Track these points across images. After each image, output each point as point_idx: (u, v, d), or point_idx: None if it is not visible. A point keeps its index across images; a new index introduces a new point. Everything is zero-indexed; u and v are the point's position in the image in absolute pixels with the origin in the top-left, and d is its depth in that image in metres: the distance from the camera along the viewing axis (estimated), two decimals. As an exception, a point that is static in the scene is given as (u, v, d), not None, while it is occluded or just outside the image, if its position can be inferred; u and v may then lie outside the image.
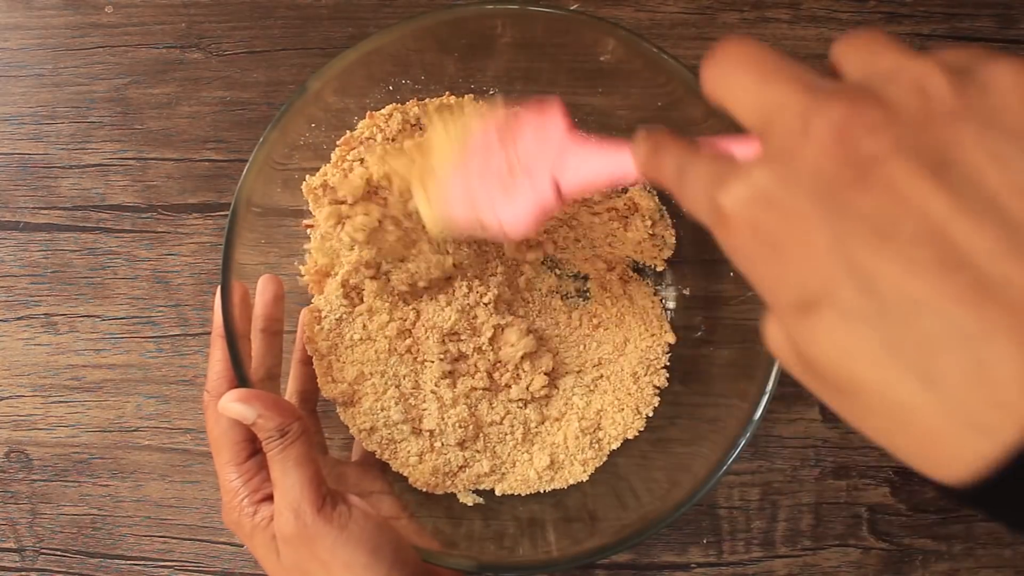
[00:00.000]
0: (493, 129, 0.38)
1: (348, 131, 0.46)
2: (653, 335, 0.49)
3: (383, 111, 0.46)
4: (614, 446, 0.48)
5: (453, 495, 0.48)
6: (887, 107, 0.19)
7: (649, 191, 0.49)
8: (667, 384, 0.48)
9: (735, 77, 0.21)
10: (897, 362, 0.18)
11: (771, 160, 0.20)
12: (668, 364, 0.49)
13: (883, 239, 0.18)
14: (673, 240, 0.49)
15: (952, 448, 0.17)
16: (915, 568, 0.49)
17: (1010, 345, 0.16)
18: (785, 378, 0.40)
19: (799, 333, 0.20)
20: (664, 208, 0.49)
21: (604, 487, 0.48)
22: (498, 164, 0.37)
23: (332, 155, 0.46)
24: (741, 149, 0.24)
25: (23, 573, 0.51)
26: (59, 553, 0.51)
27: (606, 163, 0.32)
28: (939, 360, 0.17)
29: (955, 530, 0.50)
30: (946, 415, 0.17)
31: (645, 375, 0.48)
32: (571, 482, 0.48)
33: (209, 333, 0.51)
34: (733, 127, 0.23)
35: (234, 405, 0.36)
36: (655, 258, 0.49)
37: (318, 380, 0.45)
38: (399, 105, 0.47)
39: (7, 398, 0.51)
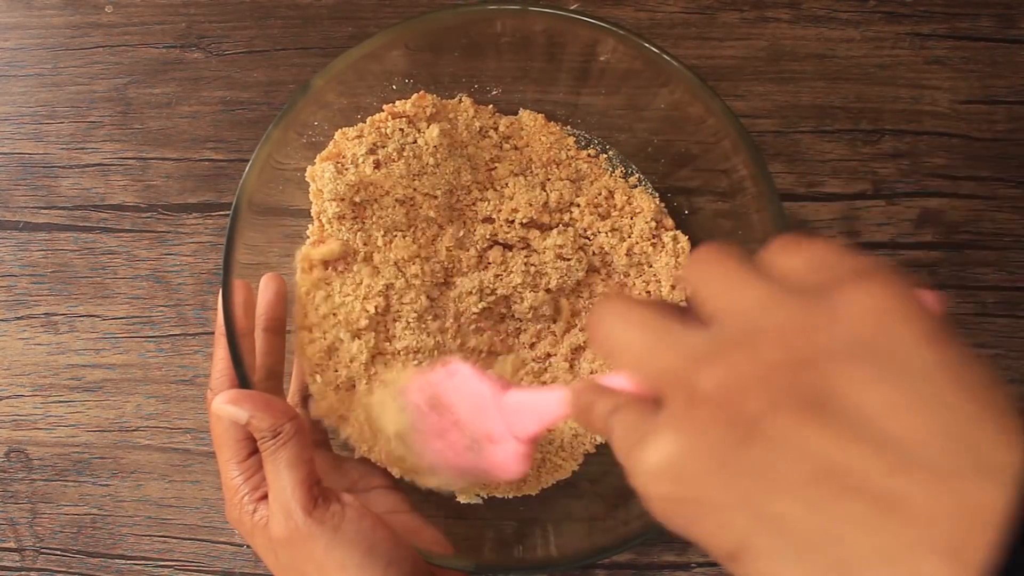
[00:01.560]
0: (424, 405, 0.41)
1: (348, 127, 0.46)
2: None
3: (405, 103, 0.46)
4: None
5: (453, 495, 0.48)
6: (757, 362, 0.20)
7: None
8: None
9: (618, 337, 0.24)
10: None
11: (671, 427, 0.22)
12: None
13: (781, 487, 0.19)
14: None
15: None
16: (915, 568, 0.49)
17: (929, 557, 0.17)
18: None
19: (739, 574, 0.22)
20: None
21: (604, 487, 0.48)
22: (454, 437, 0.40)
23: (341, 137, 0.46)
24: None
25: (23, 573, 0.51)
26: (59, 553, 0.51)
27: (548, 407, 0.34)
28: None
29: (955, 530, 0.49)
30: None
31: None
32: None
33: (209, 333, 0.51)
34: (733, 127, 0.23)
35: (226, 407, 0.36)
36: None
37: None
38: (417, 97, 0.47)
39: (7, 398, 0.51)
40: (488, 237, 0.48)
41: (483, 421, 0.39)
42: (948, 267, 0.51)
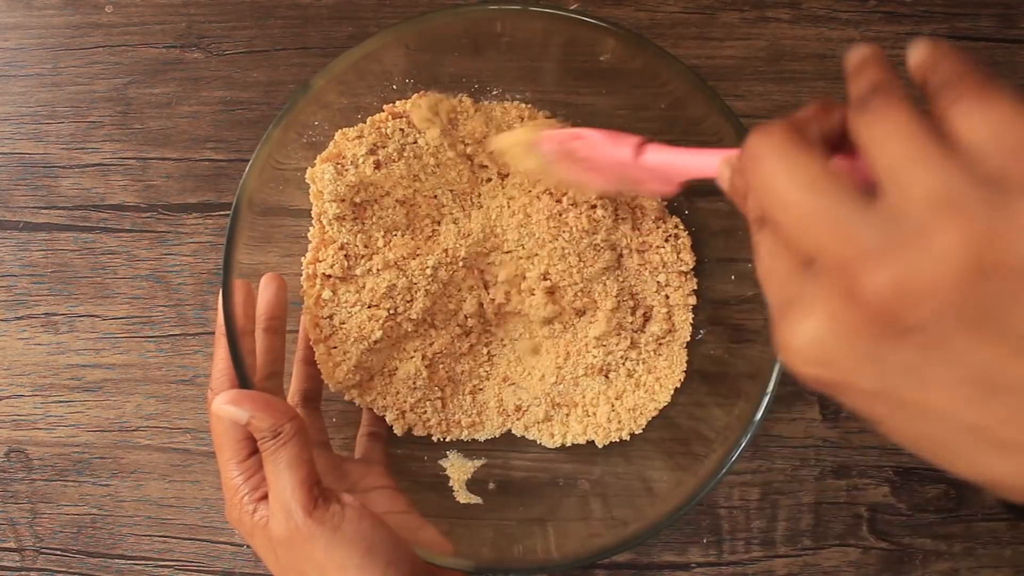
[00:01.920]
0: (557, 155, 0.40)
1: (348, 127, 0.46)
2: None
3: (406, 102, 0.46)
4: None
5: (452, 495, 0.48)
6: (924, 273, 0.19)
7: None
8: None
9: (775, 184, 0.22)
10: (952, 458, 0.22)
11: (826, 311, 0.21)
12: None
13: (931, 384, 0.21)
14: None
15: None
16: (915, 568, 0.50)
17: None
18: (785, 378, 0.40)
19: (870, 426, 0.23)
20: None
21: (604, 487, 0.48)
22: (595, 174, 0.39)
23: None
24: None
25: (23, 573, 0.51)
26: (59, 553, 0.51)
27: (695, 167, 0.33)
28: (991, 463, 0.21)
29: (955, 530, 0.50)
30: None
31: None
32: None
33: (209, 333, 0.51)
34: (733, 127, 0.23)
35: (226, 407, 0.36)
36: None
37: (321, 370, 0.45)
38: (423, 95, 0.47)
39: (7, 398, 0.51)
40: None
41: (623, 174, 0.37)
42: (948, 267, 0.51)
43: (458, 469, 0.48)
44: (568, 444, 0.49)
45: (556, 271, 0.47)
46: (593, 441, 0.48)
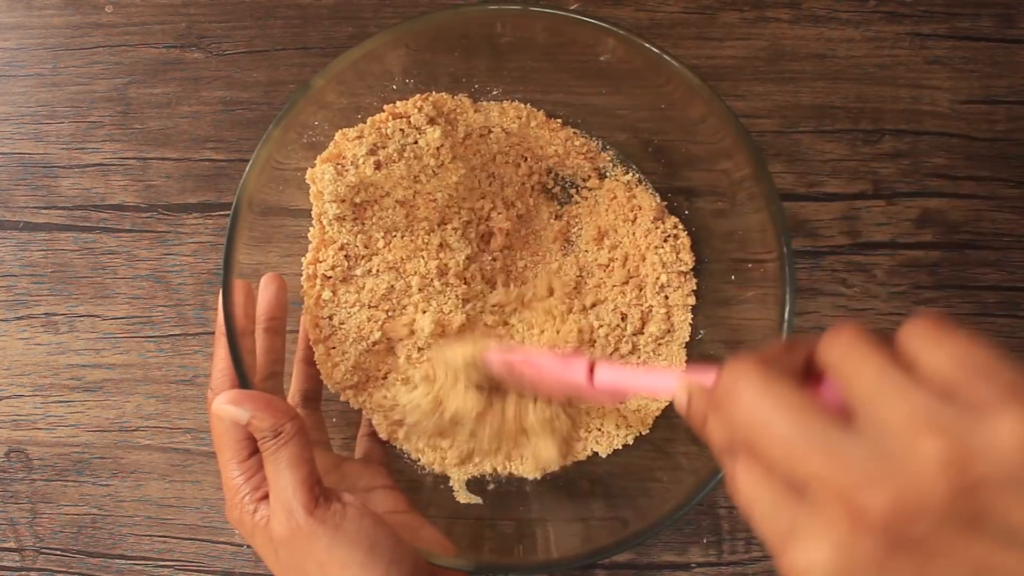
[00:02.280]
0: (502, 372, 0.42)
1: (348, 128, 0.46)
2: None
3: (406, 102, 0.46)
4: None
5: (452, 495, 0.48)
6: (917, 491, 0.21)
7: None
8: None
9: (759, 419, 0.24)
10: None
11: (829, 535, 0.22)
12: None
13: None
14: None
15: None
16: (915, 568, 0.49)
17: None
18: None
19: None
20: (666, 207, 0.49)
21: (604, 487, 0.48)
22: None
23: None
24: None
25: (23, 573, 0.51)
26: (59, 553, 0.51)
27: (649, 389, 0.34)
28: None
29: (955, 530, 0.50)
30: None
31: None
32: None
33: (209, 333, 0.51)
34: (733, 127, 0.23)
35: (226, 407, 0.36)
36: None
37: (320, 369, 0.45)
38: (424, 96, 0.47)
39: (7, 398, 0.51)
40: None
41: (571, 392, 0.39)
42: (948, 267, 0.51)
43: (458, 469, 0.48)
44: (576, 459, 0.49)
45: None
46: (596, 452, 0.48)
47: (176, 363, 0.51)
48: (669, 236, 0.48)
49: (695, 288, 0.49)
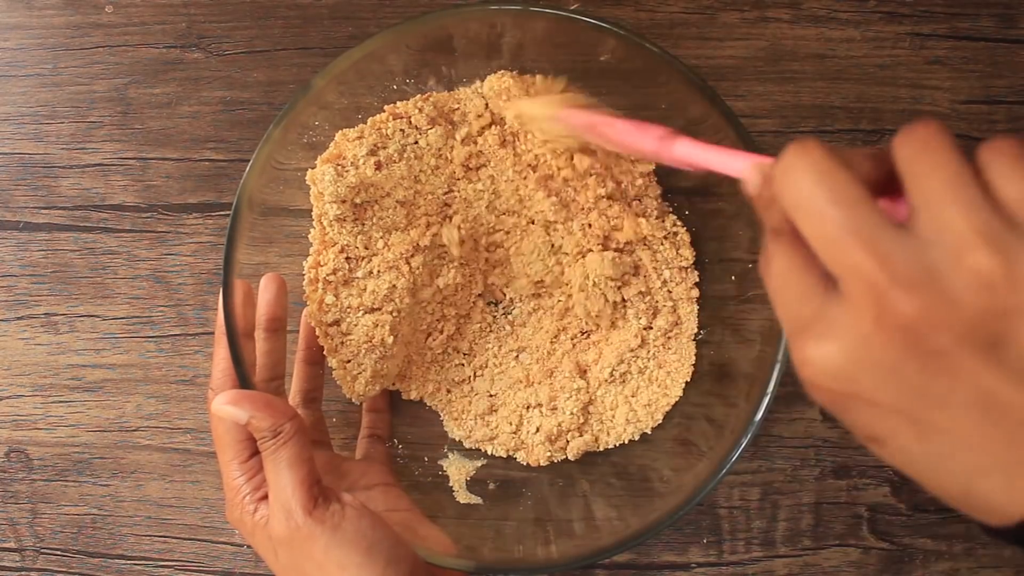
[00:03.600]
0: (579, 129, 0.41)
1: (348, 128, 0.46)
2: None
3: (407, 103, 0.46)
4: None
5: (452, 495, 0.48)
6: (952, 302, 0.21)
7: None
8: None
9: (811, 198, 0.23)
10: (943, 480, 0.24)
11: (851, 331, 0.23)
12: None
13: (942, 403, 0.22)
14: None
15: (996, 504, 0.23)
16: (915, 568, 0.50)
17: None
18: (786, 378, 0.40)
19: (867, 446, 0.26)
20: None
21: (604, 487, 0.48)
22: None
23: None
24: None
25: (23, 573, 0.51)
26: (59, 553, 0.51)
27: (722, 166, 0.33)
28: (978, 483, 0.23)
29: (955, 530, 0.50)
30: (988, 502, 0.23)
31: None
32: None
33: (210, 333, 0.51)
34: (733, 127, 0.23)
35: (226, 407, 0.36)
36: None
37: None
38: (425, 96, 0.47)
39: (7, 398, 0.51)
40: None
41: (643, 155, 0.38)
42: (948, 267, 0.51)
43: (458, 469, 0.48)
44: (583, 452, 0.49)
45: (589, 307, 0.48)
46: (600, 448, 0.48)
47: (176, 363, 0.51)
48: (668, 234, 0.48)
49: (697, 282, 0.48)
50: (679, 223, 0.49)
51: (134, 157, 0.52)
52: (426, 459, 0.49)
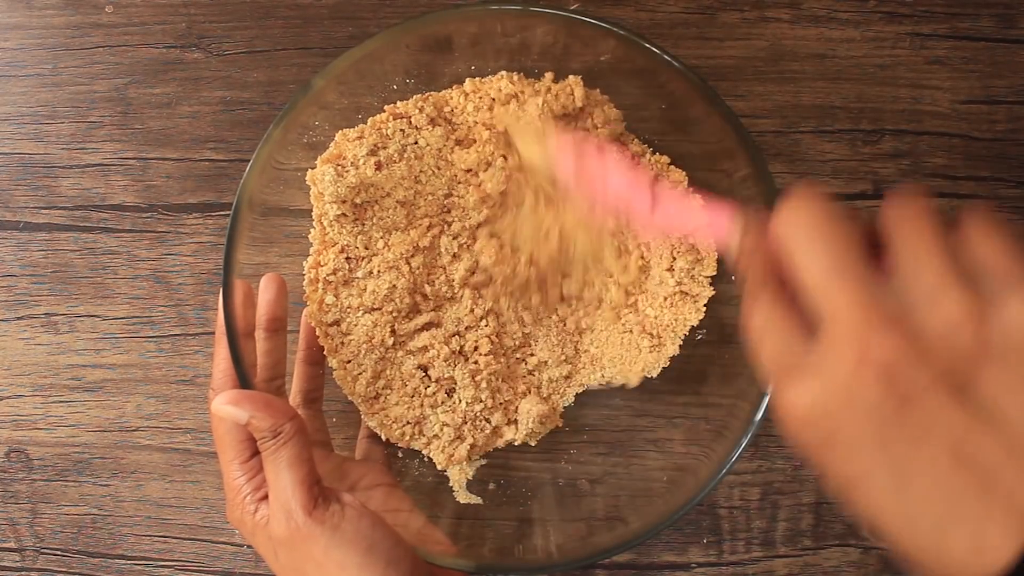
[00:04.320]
0: (569, 161, 0.41)
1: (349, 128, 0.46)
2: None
3: (407, 103, 0.46)
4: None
5: (452, 495, 0.48)
6: (927, 345, 0.24)
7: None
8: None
9: (808, 244, 0.26)
10: (915, 530, 0.24)
11: (832, 373, 0.24)
12: (668, 364, 0.49)
13: (916, 445, 0.24)
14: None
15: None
16: (915, 568, 0.50)
17: (1002, 528, 0.23)
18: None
19: (843, 493, 0.26)
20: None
21: (605, 487, 0.48)
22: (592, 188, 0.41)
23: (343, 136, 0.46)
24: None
25: (23, 573, 0.51)
26: (59, 553, 0.51)
27: (700, 225, 0.35)
28: (948, 534, 0.23)
29: (955, 530, 0.50)
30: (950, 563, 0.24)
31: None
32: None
33: (210, 333, 0.51)
34: (733, 127, 0.24)
35: (226, 407, 0.36)
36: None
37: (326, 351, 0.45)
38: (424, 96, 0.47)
39: (7, 398, 0.51)
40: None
41: (620, 203, 0.39)
42: (948, 267, 0.51)
43: (458, 469, 0.48)
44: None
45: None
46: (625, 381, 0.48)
47: (176, 363, 0.51)
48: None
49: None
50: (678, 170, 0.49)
51: (134, 157, 0.52)
52: (426, 459, 0.49)
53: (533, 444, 0.48)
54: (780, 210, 0.27)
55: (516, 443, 0.47)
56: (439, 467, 0.47)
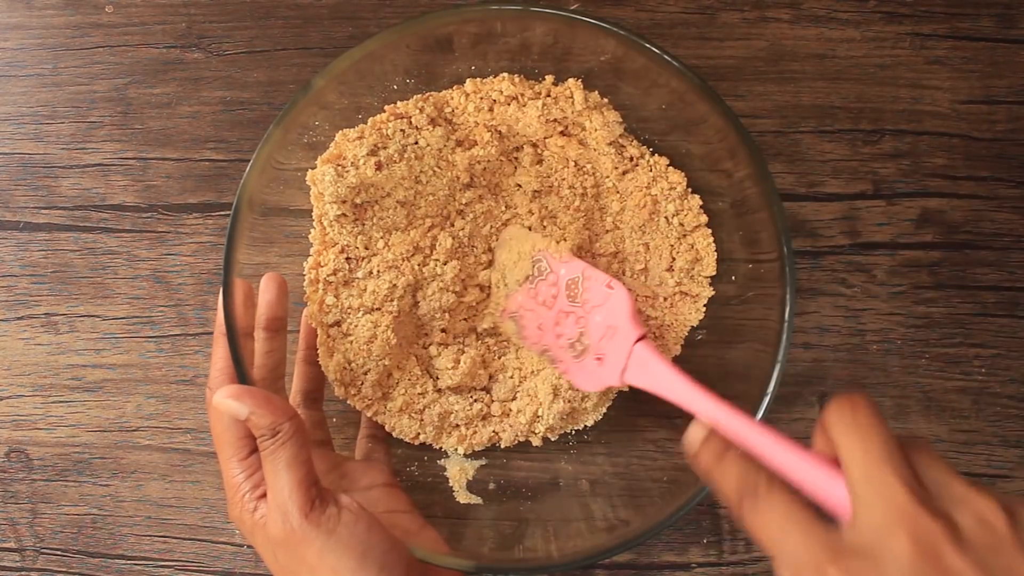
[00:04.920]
0: (558, 277, 0.44)
1: (349, 128, 0.46)
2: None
3: (407, 103, 0.46)
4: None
5: (452, 495, 0.48)
6: (961, 534, 0.27)
7: None
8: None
9: (777, 533, 0.30)
10: None
11: (859, 556, 0.28)
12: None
13: None
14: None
15: None
16: (915, 568, 0.50)
17: None
18: (786, 378, 0.40)
19: None
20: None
21: (604, 487, 0.48)
22: (565, 327, 0.44)
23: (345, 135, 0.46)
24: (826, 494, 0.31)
25: (23, 573, 0.51)
26: (59, 553, 0.51)
27: (675, 390, 0.39)
28: None
29: (955, 530, 0.50)
30: None
31: None
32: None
33: (210, 333, 0.51)
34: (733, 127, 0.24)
35: (227, 401, 0.36)
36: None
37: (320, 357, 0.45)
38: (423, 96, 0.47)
39: (7, 398, 0.51)
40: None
41: (604, 341, 0.42)
42: (948, 267, 0.51)
43: (458, 469, 0.48)
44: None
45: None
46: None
47: (176, 363, 0.51)
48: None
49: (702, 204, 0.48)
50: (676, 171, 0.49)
51: (134, 157, 0.52)
52: (426, 458, 0.49)
53: (536, 443, 0.48)
54: (829, 409, 0.30)
55: (538, 433, 0.47)
56: (461, 453, 0.48)
